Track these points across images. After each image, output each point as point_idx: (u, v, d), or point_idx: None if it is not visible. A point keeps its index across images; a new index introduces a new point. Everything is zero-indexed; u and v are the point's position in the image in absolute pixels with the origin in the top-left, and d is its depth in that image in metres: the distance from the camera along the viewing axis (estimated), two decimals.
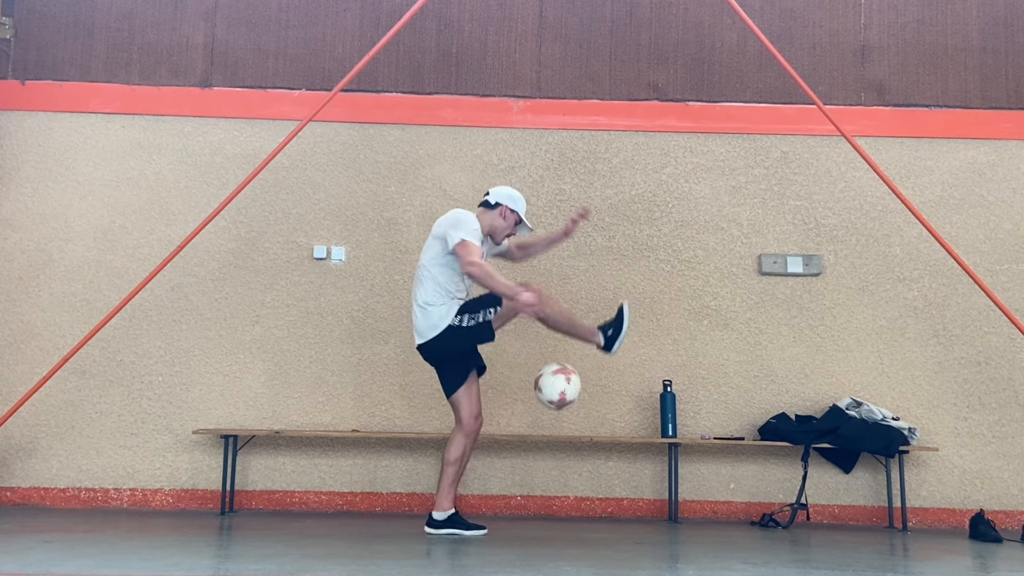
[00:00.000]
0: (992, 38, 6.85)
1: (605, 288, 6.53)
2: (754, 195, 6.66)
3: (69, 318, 6.35)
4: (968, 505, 6.21)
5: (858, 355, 6.47)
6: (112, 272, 6.42)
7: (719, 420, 6.40)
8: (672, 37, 6.84)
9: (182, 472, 6.23)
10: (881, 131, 6.70)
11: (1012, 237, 6.60)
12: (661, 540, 5.05)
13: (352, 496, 6.21)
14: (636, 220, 6.62)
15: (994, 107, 6.77)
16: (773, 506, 6.16)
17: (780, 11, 6.86)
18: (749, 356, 6.47)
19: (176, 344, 6.37)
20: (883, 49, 6.84)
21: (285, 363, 6.38)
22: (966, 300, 6.46)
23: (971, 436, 6.37)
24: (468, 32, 6.79)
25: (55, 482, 6.19)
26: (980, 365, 6.44)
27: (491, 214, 5.04)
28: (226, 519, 5.61)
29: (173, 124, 6.63)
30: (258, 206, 6.51)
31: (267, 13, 6.78)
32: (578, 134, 6.72)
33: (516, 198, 5.09)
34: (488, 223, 5.02)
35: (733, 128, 6.73)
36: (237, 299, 6.45)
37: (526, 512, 6.26)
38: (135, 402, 6.30)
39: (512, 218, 5.07)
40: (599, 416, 6.39)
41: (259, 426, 6.28)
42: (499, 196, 5.06)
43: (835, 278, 6.56)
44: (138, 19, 6.76)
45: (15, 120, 6.60)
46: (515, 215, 5.07)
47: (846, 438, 6.05)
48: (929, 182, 6.66)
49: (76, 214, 6.50)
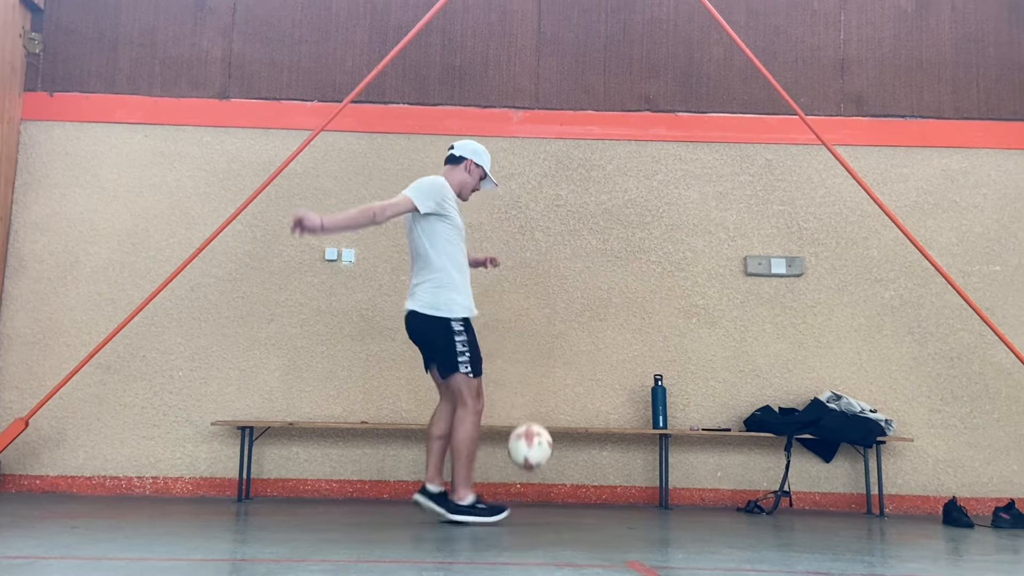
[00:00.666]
0: (964, 52, 6.85)
1: (599, 288, 6.53)
2: (740, 200, 6.66)
3: (95, 316, 6.35)
4: (941, 492, 6.21)
5: (838, 351, 6.47)
6: (135, 273, 6.42)
7: (707, 412, 6.40)
8: (663, 52, 6.84)
9: (201, 461, 6.23)
10: (859, 140, 6.70)
11: (983, 240, 6.60)
12: (652, 525, 5.04)
13: (361, 484, 6.20)
14: (629, 224, 6.62)
15: (966, 117, 6.78)
16: (758, 493, 6.16)
17: (764, 27, 6.86)
18: (735, 352, 6.47)
19: (195, 341, 6.37)
20: (861, 63, 6.84)
21: (298, 359, 6.38)
22: (939, 299, 6.46)
23: (944, 427, 6.37)
24: (471, 47, 6.79)
25: (81, 471, 6.20)
26: (953, 360, 6.44)
27: (457, 170, 4.76)
28: (242, 506, 5.60)
29: (193, 134, 6.63)
30: (273, 211, 6.51)
31: (281, 29, 6.78)
32: (574, 143, 6.72)
33: (481, 152, 4.79)
34: (456, 180, 4.73)
35: (720, 137, 6.73)
36: (253, 298, 6.44)
37: (525, 499, 6.26)
38: (157, 395, 6.30)
39: (477, 172, 4.77)
40: (593, 408, 6.40)
41: (274, 418, 6.28)
42: (463, 150, 4.77)
43: (816, 279, 6.56)
44: (160, 34, 6.76)
45: (44, 130, 6.60)
46: (480, 169, 4.78)
47: (827, 429, 6.05)
48: (905, 188, 6.66)
49: (101, 218, 6.50)
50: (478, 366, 4.59)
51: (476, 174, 4.77)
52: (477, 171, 4.77)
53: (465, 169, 4.75)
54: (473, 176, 4.76)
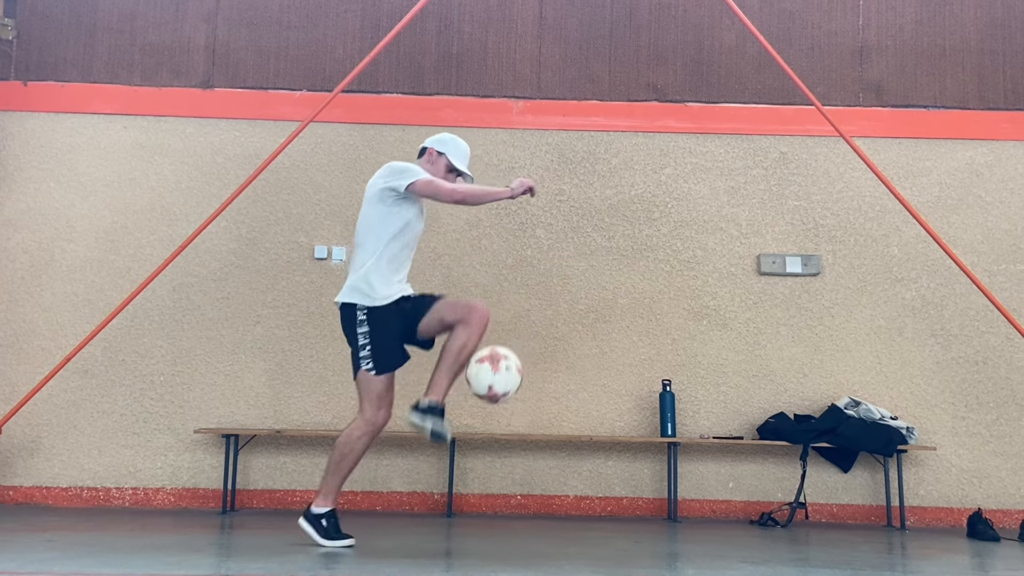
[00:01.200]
0: (990, 39, 6.85)
1: (604, 288, 6.52)
2: (753, 195, 6.66)
3: (71, 317, 6.35)
4: (966, 504, 6.21)
5: (856, 355, 6.47)
6: (114, 272, 6.42)
7: (718, 419, 6.40)
8: (671, 38, 6.84)
9: (183, 471, 6.23)
10: (879, 132, 6.69)
11: (1010, 237, 6.60)
12: (660, 539, 5.04)
13: (353, 495, 6.20)
14: (635, 220, 6.62)
15: (992, 108, 6.77)
16: (772, 505, 6.16)
17: (779, 12, 6.86)
18: (748, 356, 6.47)
19: (178, 344, 6.37)
20: (881, 50, 6.84)
21: (286, 362, 6.38)
22: (964, 300, 6.46)
23: (969, 435, 6.36)
24: (468, 33, 6.79)
25: (57, 481, 6.19)
26: (978, 365, 6.44)
27: (420, 163, 4.41)
28: (227, 518, 5.60)
29: (175, 125, 6.63)
30: (259, 206, 6.50)
31: (268, 14, 6.78)
32: (578, 135, 6.72)
33: (447, 140, 4.43)
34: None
35: (732, 129, 6.72)
36: (238, 299, 6.44)
37: (526, 511, 6.25)
38: (137, 401, 6.29)
39: (441, 162, 4.37)
40: (599, 415, 6.39)
41: (260, 425, 6.28)
42: (428, 141, 4.46)
43: (833, 278, 6.56)
44: (139, 20, 6.75)
45: (17, 120, 6.60)
46: (443, 158, 4.37)
47: (845, 437, 6.05)
48: (927, 182, 6.65)
49: (78, 214, 6.50)
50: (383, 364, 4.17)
51: (440, 164, 4.36)
52: (440, 160, 4.38)
53: (427, 160, 4.40)
54: (437, 167, 4.35)
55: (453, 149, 4.41)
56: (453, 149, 4.41)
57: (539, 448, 6.33)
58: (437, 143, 4.42)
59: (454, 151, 4.40)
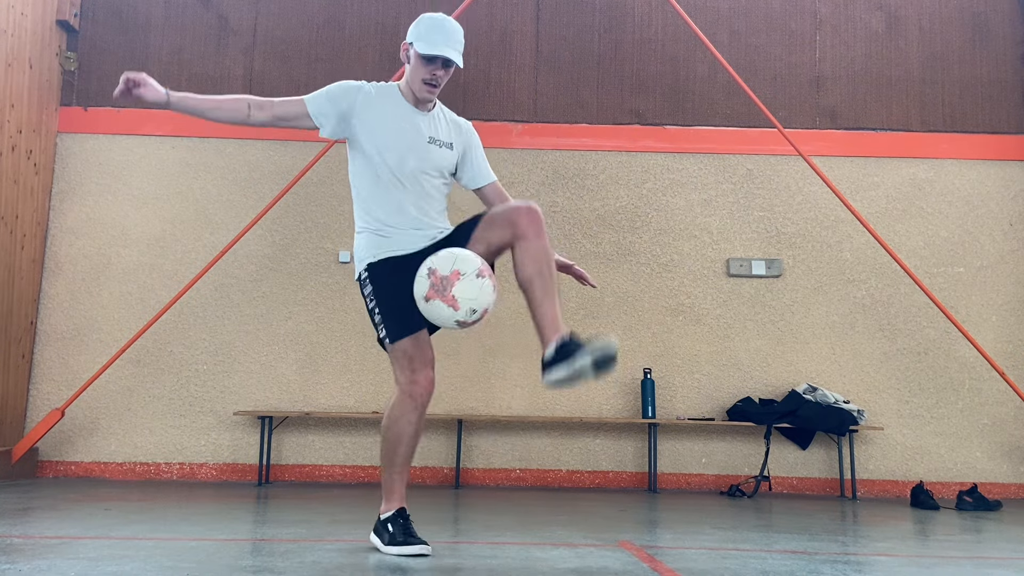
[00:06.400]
0: (930, 70, 6.85)
1: (592, 288, 6.50)
2: (723, 207, 6.66)
3: (126, 314, 6.35)
4: (909, 477, 6.21)
5: (814, 346, 6.47)
6: (163, 274, 6.42)
7: (692, 403, 6.40)
8: (651, 69, 6.84)
9: (224, 448, 6.23)
10: (834, 151, 6.69)
11: (948, 244, 6.60)
12: (642, 507, 5.05)
13: (373, 470, 6.20)
14: (620, 229, 6.62)
15: (932, 130, 6.77)
16: (740, 478, 6.16)
17: (746, 46, 6.86)
18: (718, 347, 6.47)
19: (219, 337, 6.37)
20: (835, 80, 6.84)
21: (314, 353, 6.38)
22: (907, 299, 6.46)
23: (912, 417, 6.37)
24: (473, 65, 6.79)
25: (113, 457, 6.19)
26: (919, 355, 6.44)
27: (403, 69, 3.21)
28: (262, 490, 5.60)
29: (216, 145, 6.62)
30: (290, 216, 6.50)
31: (299, 48, 6.78)
32: (569, 154, 6.72)
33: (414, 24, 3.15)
34: (403, 79, 3.20)
35: (704, 148, 6.72)
36: (272, 297, 6.44)
37: (524, 483, 6.26)
38: (183, 387, 6.30)
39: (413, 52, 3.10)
40: (588, 400, 6.40)
41: (291, 408, 6.28)
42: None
43: (794, 279, 6.56)
44: (186, 53, 6.76)
45: (79, 142, 6.60)
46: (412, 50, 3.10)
47: (803, 419, 6.05)
48: (876, 196, 6.66)
49: (132, 223, 6.50)
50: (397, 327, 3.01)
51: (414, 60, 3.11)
52: (413, 51, 3.11)
53: (403, 57, 3.18)
54: (413, 60, 3.10)
55: (415, 33, 3.11)
56: (415, 33, 3.11)
57: (536, 428, 6.33)
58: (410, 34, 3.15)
59: (417, 35, 3.10)
